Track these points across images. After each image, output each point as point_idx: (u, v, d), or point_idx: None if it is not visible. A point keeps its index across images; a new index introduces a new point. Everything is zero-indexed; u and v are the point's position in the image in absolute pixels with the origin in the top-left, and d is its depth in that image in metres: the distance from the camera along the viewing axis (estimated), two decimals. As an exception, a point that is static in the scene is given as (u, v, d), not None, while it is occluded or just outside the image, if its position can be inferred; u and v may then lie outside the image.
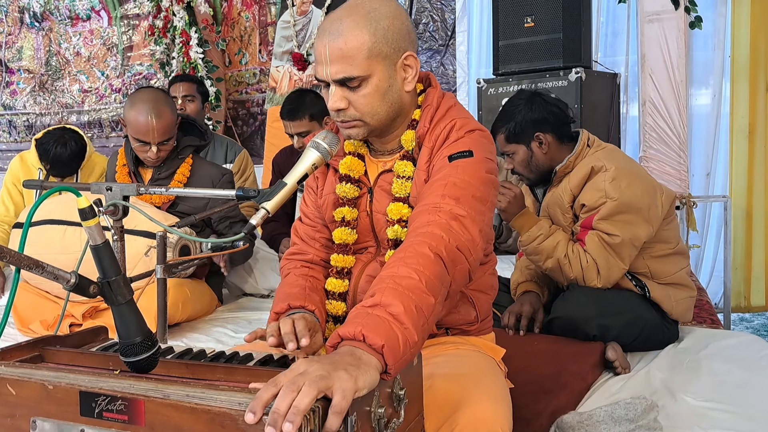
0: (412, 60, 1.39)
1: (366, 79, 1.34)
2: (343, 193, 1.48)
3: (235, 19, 5.54)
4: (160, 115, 2.58)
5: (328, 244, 1.55)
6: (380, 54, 1.34)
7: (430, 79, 1.50)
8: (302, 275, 1.51)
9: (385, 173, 1.47)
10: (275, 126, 5.01)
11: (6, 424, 0.98)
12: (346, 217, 1.48)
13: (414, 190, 1.41)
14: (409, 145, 1.44)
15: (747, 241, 4.20)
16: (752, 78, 4.10)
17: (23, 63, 6.36)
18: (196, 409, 0.86)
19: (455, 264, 1.21)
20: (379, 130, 1.43)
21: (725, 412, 1.74)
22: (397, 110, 1.41)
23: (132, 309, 1.03)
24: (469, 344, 1.49)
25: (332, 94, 1.36)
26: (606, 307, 2.13)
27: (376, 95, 1.36)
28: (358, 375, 0.91)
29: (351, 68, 1.33)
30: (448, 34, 4.78)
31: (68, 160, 3.24)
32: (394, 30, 1.35)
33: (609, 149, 2.27)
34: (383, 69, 1.35)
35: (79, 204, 0.98)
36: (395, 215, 1.42)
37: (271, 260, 3.26)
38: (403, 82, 1.40)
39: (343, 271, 1.49)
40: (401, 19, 1.38)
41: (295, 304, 1.41)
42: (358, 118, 1.38)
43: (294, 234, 1.61)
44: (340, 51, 1.32)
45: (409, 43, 1.39)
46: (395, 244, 1.41)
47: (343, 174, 1.49)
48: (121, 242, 1.57)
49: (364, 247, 1.51)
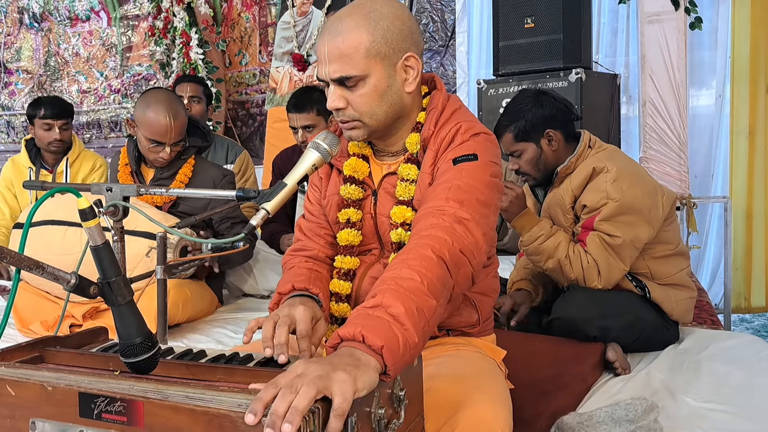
0: (413, 61, 1.39)
1: (363, 78, 1.34)
2: (347, 195, 1.48)
3: (235, 20, 5.54)
4: (177, 115, 2.60)
5: (332, 240, 1.55)
6: (378, 54, 1.34)
7: (435, 82, 1.50)
8: (307, 268, 1.51)
9: (390, 176, 1.47)
10: (275, 127, 5.01)
11: (5, 425, 0.98)
12: (351, 219, 1.48)
13: (418, 194, 1.41)
14: (413, 147, 1.43)
15: (747, 241, 4.20)
16: (752, 79, 4.10)
17: (22, 63, 6.36)
18: (194, 411, 0.86)
19: (458, 267, 1.21)
20: (380, 131, 1.43)
21: (725, 412, 1.74)
22: (398, 111, 1.41)
23: (132, 310, 1.03)
24: (470, 345, 1.49)
25: (331, 93, 1.37)
26: (606, 308, 2.13)
27: (374, 95, 1.36)
28: (357, 375, 0.90)
29: (348, 67, 1.33)
30: (447, 35, 4.78)
31: (57, 99, 3.63)
32: (394, 30, 1.35)
33: (610, 150, 2.27)
34: (382, 69, 1.35)
35: (80, 205, 0.98)
36: (399, 218, 1.42)
37: (271, 261, 3.26)
38: (404, 83, 1.39)
39: (348, 273, 1.48)
40: (402, 20, 1.37)
41: (299, 286, 1.41)
42: (357, 119, 1.38)
43: (298, 230, 1.61)
44: (338, 50, 1.33)
45: (411, 44, 1.38)
46: (399, 247, 1.41)
47: (348, 175, 1.49)
48: (121, 243, 1.57)
49: (368, 249, 1.51)
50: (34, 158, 3.63)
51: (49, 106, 3.53)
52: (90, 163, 3.69)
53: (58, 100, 3.64)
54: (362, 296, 1.46)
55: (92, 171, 3.67)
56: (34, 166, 3.61)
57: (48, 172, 3.62)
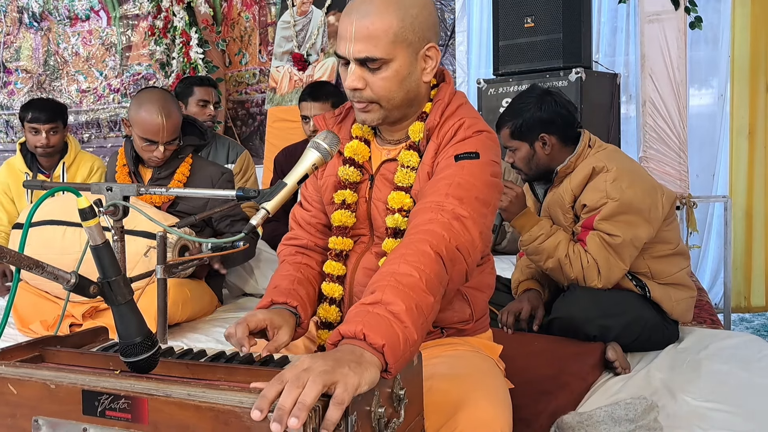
0: (434, 51, 1.40)
1: (387, 62, 1.34)
2: (345, 176, 1.48)
3: (235, 20, 5.54)
4: (170, 114, 2.59)
5: (323, 230, 1.56)
6: (405, 40, 1.34)
7: (444, 75, 1.50)
8: (295, 263, 1.52)
9: (388, 162, 1.47)
10: (275, 126, 5.01)
11: (7, 424, 0.97)
12: (346, 200, 1.48)
13: (417, 183, 1.41)
14: (416, 136, 1.44)
15: (747, 241, 4.20)
16: (752, 78, 4.10)
17: (21, 63, 6.35)
18: (200, 407, 0.86)
19: (454, 264, 1.22)
20: (392, 117, 1.43)
21: (725, 412, 1.74)
22: (412, 99, 1.42)
23: (132, 309, 1.03)
24: (468, 345, 1.49)
25: (351, 72, 1.37)
26: (606, 308, 2.13)
27: (394, 80, 1.36)
28: (360, 371, 0.91)
29: (375, 49, 1.33)
30: (447, 34, 4.78)
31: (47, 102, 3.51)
32: (421, 19, 1.36)
33: (610, 150, 2.27)
34: (406, 56, 1.35)
35: (79, 204, 0.98)
36: (396, 204, 1.42)
37: (273, 261, 3.26)
38: (422, 72, 1.40)
39: (342, 253, 1.49)
40: (429, 10, 1.39)
41: (278, 300, 1.42)
42: (375, 101, 1.38)
43: (292, 219, 1.61)
44: (367, 30, 1.33)
45: (433, 34, 1.40)
46: (394, 233, 1.41)
47: (348, 157, 1.49)
48: (121, 242, 1.57)
49: (358, 235, 1.51)
50: (30, 162, 3.54)
51: (37, 109, 3.40)
52: (88, 165, 3.62)
53: (48, 103, 3.51)
54: (357, 287, 1.46)
55: (90, 174, 3.60)
56: (31, 170, 3.53)
57: (45, 176, 3.53)
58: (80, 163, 3.62)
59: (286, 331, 1.34)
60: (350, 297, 1.48)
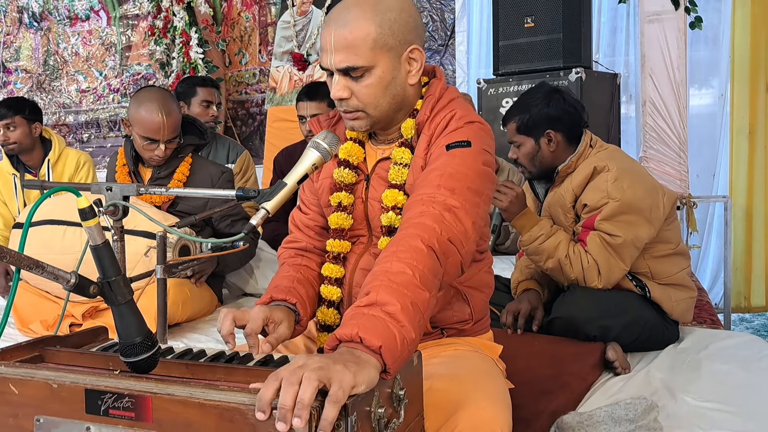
0: (417, 53, 1.39)
1: (369, 69, 1.34)
2: (340, 178, 1.48)
3: (235, 20, 5.54)
4: (170, 112, 2.60)
5: (321, 232, 1.56)
6: (385, 46, 1.34)
7: (435, 72, 1.50)
8: (295, 265, 1.52)
9: (383, 161, 1.47)
10: (275, 126, 5.01)
11: (8, 424, 0.97)
12: (342, 202, 1.48)
13: (410, 178, 1.40)
14: (408, 132, 1.43)
15: (747, 241, 4.21)
16: (752, 78, 4.10)
17: (21, 63, 6.36)
18: (204, 405, 0.86)
19: (447, 256, 1.21)
20: (382, 122, 1.43)
21: (725, 412, 1.73)
22: (400, 103, 1.41)
23: (132, 309, 1.03)
24: (468, 345, 1.49)
25: (335, 83, 1.37)
26: (606, 308, 2.13)
27: (378, 86, 1.36)
28: (357, 371, 0.91)
29: (355, 58, 1.33)
30: (447, 34, 4.78)
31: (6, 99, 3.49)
32: (401, 22, 1.35)
33: (611, 150, 2.27)
34: (388, 61, 1.35)
35: (79, 204, 0.98)
36: (390, 202, 1.41)
37: (273, 261, 3.25)
38: (407, 75, 1.39)
39: (339, 256, 1.49)
40: (409, 12, 1.38)
41: (277, 297, 1.42)
42: (361, 109, 1.38)
43: (291, 222, 1.62)
44: (345, 40, 1.32)
45: (415, 36, 1.39)
46: (389, 231, 1.41)
47: (342, 159, 1.49)
48: (121, 242, 1.57)
49: (356, 236, 1.51)
50: (17, 164, 3.53)
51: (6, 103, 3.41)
52: (74, 161, 3.60)
53: (6, 100, 3.50)
54: (356, 288, 1.46)
55: (78, 169, 3.60)
56: (18, 171, 3.51)
57: (32, 175, 3.52)
58: (66, 160, 3.60)
59: (286, 325, 1.34)
60: (349, 298, 1.48)
